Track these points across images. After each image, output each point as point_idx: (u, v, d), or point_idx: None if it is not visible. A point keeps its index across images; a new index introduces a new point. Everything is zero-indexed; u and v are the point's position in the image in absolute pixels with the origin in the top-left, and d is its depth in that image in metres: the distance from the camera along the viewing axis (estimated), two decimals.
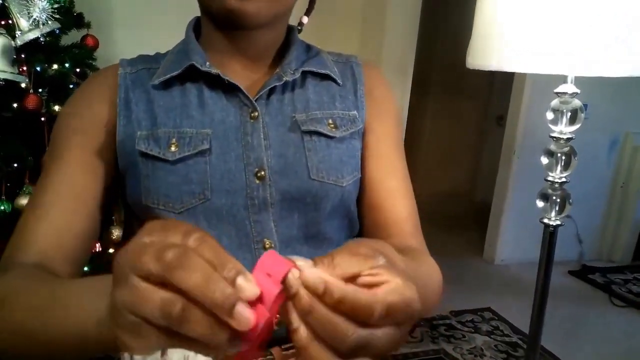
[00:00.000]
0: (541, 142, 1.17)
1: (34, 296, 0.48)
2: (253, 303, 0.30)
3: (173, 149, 0.60)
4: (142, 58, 0.69)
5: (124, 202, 0.69)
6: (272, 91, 0.65)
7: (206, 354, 0.32)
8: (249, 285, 0.30)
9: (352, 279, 0.33)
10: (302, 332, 0.32)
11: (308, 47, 0.73)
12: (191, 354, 0.62)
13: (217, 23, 0.64)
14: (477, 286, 2.98)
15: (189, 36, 0.67)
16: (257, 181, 0.61)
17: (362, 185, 0.70)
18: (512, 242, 3.27)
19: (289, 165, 0.63)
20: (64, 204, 0.60)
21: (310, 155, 0.64)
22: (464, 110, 4.32)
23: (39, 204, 0.60)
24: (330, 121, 0.66)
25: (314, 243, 0.65)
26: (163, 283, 0.30)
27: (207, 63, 0.63)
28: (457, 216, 4.11)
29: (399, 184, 0.70)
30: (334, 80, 0.69)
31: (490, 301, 2.76)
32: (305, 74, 0.68)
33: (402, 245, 0.63)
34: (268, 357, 0.63)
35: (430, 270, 0.61)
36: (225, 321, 0.30)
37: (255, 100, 0.63)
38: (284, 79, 0.65)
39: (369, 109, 0.70)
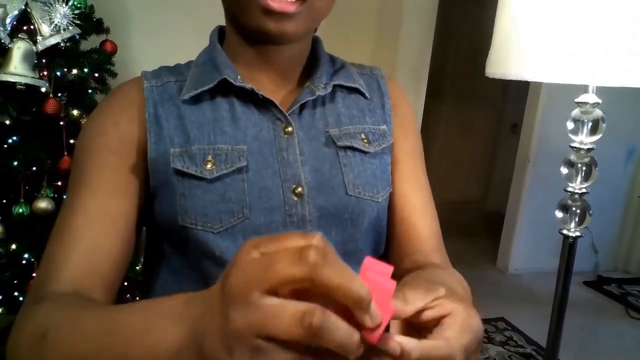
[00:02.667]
0: (557, 151, 1.16)
1: (83, 325, 0.44)
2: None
3: (209, 166, 0.58)
4: (165, 70, 0.66)
5: (149, 223, 0.65)
6: (303, 106, 0.64)
7: None
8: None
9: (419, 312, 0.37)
10: None
11: (332, 59, 0.72)
12: None
13: (249, 38, 0.62)
14: (490, 296, 2.95)
15: (216, 48, 0.65)
16: (295, 198, 0.60)
17: (390, 199, 0.70)
18: (526, 251, 3.24)
19: (325, 181, 0.62)
20: (97, 228, 0.56)
21: (346, 170, 0.63)
22: (477, 119, 4.30)
23: (70, 228, 0.56)
24: (363, 136, 0.66)
25: (351, 259, 0.64)
26: (292, 295, 0.29)
27: (239, 77, 0.61)
28: (469, 225, 4.07)
29: (425, 200, 0.70)
30: (363, 94, 0.69)
31: (504, 311, 2.73)
32: (334, 87, 0.67)
33: (427, 261, 0.63)
34: None
35: (464, 283, 0.61)
36: (357, 323, 0.29)
37: (289, 115, 0.62)
38: (317, 93, 0.63)
39: (395, 123, 0.70)
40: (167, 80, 0.64)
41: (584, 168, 1.04)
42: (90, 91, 1.57)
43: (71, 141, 1.55)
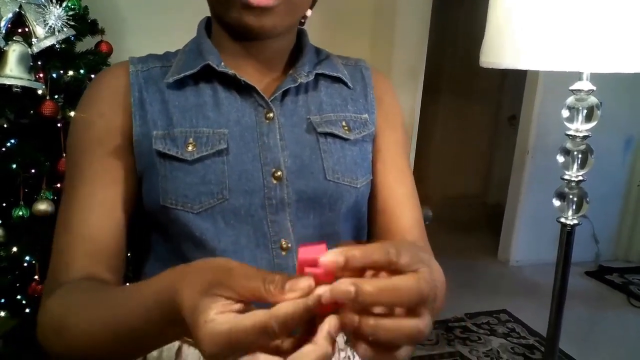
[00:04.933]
0: (555, 142, 1.16)
1: (92, 308, 0.51)
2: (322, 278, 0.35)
3: (190, 148, 0.60)
4: (153, 56, 0.68)
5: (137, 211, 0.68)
6: (286, 93, 0.65)
7: None
8: (297, 284, 0.35)
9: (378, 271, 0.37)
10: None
11: (318, 51, 0.73)
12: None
13: (231, 33, 0.64)
14: (492, 288, 2.95)
15: (202, 36, 0.67)
16: (275, 181, 0.62)
17: (372, 190, 0.71)
18: (526, 243, 3.24)
19: (305, 166, 0.63)
20: (97, 218, 0.60)
21: (326, 156, 0.64)
22: (474, 113, 4.30)
23: (72, 222, 0.60)
24: (344, 123, 0.67)
25: (329, 242, 0.65)
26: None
27: (222, 63, 0.63)
28: (470, 219, 4.08)
29: (408, 191, 0.71)
30: (345, 84, 0.70)
31: (506, 303, 2.73)
32: (317, 76, 0.68)
33: None
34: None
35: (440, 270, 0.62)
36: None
37: (270, 101, 0.64)
38: (299, 81, 0.65)
39: (379, 113, 0.72)
40: (153, 65, 0.66)
41: (579, 156, 1.04)
42: None
43: None
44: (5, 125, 1.51)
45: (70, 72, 1.52)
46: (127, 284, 0.55)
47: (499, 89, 4.30)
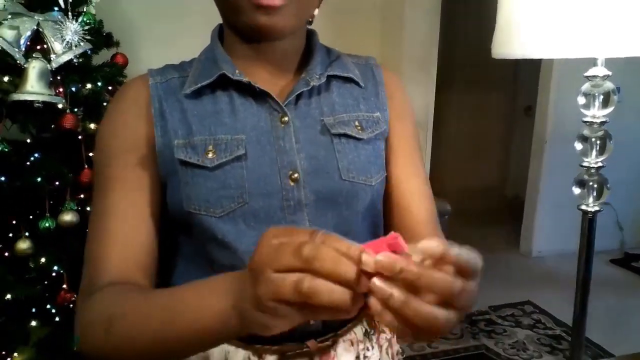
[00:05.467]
0: (572, 131, 1.15)
1: (144, 306, 0.53)
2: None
3: (210, 155, 0.62)
4: (170, 67, 0.70)
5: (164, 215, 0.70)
6: (299, 96, 0.67)
7: (333, 317, 0.40)
8: (370, 258, 0.38)
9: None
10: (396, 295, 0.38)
11: (328, 51, 0.74)
12: (232, 348, 0.65)
13: (242, 36, 0.66)
14: (516, 280, 2.93)
15: (215, 43, 0.68)
16: (292, 183, 0.63)
17: (386, 185, 0.72)
18: (548, 233, 3.21)
19: (320, 166, 0.65)
20: (127, 224, 0.62)
21: (340, 156, 0.66)
22: (490, 104, 4.26)
23: (104, 229, 0.62)
24: (356, 123, 0.68)
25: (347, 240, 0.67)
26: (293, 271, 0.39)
27: (237, 71, 0.64)
28: (490, 210, 4.04)
29: (422, 186, 0.73)
30: (357, 83, 0.71)
31: (530, 294, 2.71)
32: (329, 77, 0.69)
33: None
34: (304, 349, 0.66)
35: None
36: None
37: (285, 105, 0.65)
38: (311, 84, 0.66)
39: (390, 110, 0.73)
40: (171, 76, 0.68)
41: (598, 142, 1.03)
42: (105, 104, 1.61)
43: (90, 154, 1.59)
44: (28, 140, 1.56)
45: (89, 85, 1.56)
46: (174, 286, 0.56)
47: (514, 78, 4.25)
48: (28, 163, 1.50)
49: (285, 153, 0.64)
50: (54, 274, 1.51)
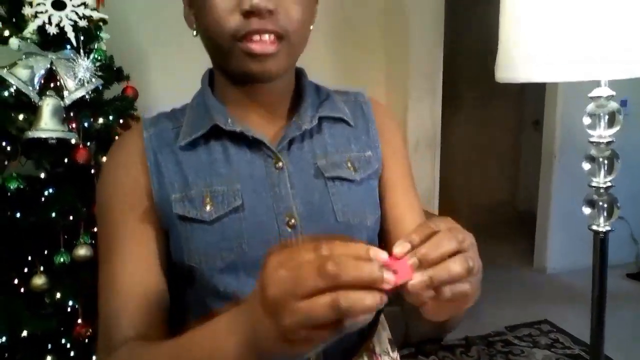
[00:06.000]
0: (581, 144, 1.15)
1: (162, 349, 0.54)
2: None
3: (208, 208, 0.62)
4: (163, 116, 0.70)
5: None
6: (292, 140, 0.67)
7: (365, 319, 0.39)
8: (381, 253, 0.40)
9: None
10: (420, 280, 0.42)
11: (318, 89, 0.75)
12: None
13: (234, 80, 0.66)
14: (531, 298, 2.89)
15: (207, 92, 0.69)
16: (289, 229, 0.64)
17: (383, 221, 0.73)
18: (562, 249, 3.17)
19: (316, 210, 0.65)
20: (138, 280, 0.62)
21: (335, 199, 0.66)
22: (497, 118, 4.27)
23: (115, 283, 0.62)
24: (349, 164, 0.69)
25: None
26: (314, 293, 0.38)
27: (229, 120, 0.65)
28: (502, 226, 4.02)
29: (418, 219, 0.73)
30: (347, 123, 0.72)
31: (546, 312, 2.67)
32: (320, 119, 0.70)
33: None
34: None
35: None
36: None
37: (278, 151, 0.66)
38: (303, 127, 0.67)
39: (383, 146, 0.73)
40: (164, 127, 0.68)
41: (605, 162, 1.03)
42: (117, 137, 1.64)
43: None
44: (42, 175, 1.59)
45: (100, 120, 1.59)
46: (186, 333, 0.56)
47: (521, 91, 4.26)
48: (43, 198, 1.53)
49: (281, 199, 0.64)
50: (69, 309, 1.52)
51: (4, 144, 1.48)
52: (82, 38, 1.50)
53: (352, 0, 2.65)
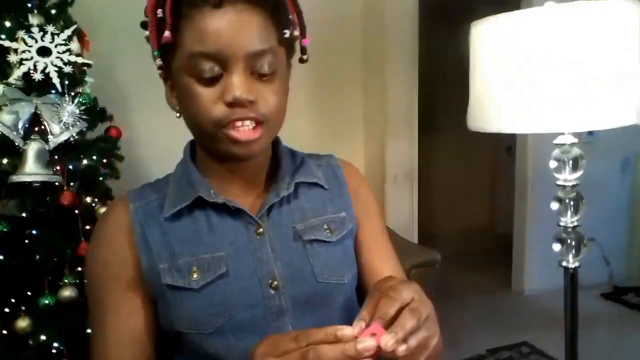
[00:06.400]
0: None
1: None
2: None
3: (195, 276, 0.66)
4: (148, 188, 0.75)
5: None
6: (271, 206, 0.72)
7: None
8: (346, 330, 0.49)
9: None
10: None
11: (293, 155, 0.80)
12: None
13: (217, 157, 0.71)
14: (510, 320, 2.95)
15: (189, 165, 0.73)
16: (272, 291, 0.68)
17: (361, 275, 0.78)
18: (538, 271, 3.25)
19: (296, 272, 0.70)
20: (127, 351, 0.66)
21: (314, 261, 0.71)
22: (472, 146, 4.38)
23: (104, 354, 0.66)
24: (325, 226, 0.74)
25: None
26: None
27: (212, 192, 0.69)
28: (481, 251, 4.09)
29: (397, 269, 0.80)
30: (322, 187, 0.78)
31: (525, 334, 2.73)
32: (296, 184, 0.75)
33: None
34: None
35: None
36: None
37: (258, 218, 0.70)
38: (281, 195, 0.72)
39: (356, 206, 0.79)
40: (149, 199, 0.72)
41: (571, 203, 1.10)
42: (100, 178, 1.66)
43: (87, 227, 1.62)
44: (24, 215, 1.59)
45: (85, 161, 1.61)
46: None
47: None
48: (27, 240, 1.53)
49: (264, 263, 0.69)
50: (54, 350, 1.51)
51: None
52: (67, 82, 1.52)
53: (330, 37, 2.73)
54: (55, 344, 1.50)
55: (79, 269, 1.62)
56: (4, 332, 1.51)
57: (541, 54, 0.94)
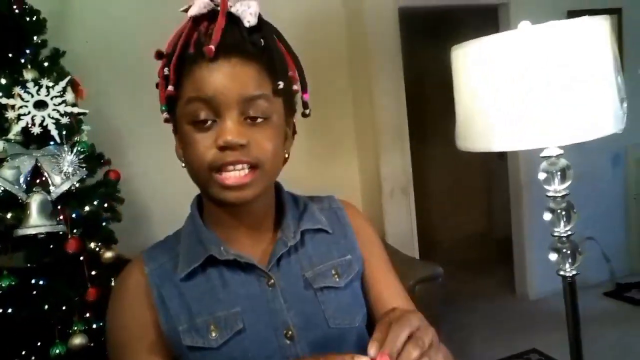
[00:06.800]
0: None
1: None
2: None
3: (214, 334, 0.68)
4: (160, 248, 0.77)
5: None
6: (280, 257, 0.74)
7: None
8: (371, 351, 0.53)
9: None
10: None
11: (295, 200, 0.84)
12: None
13: (218, 204, 0.73)
14: (517, 327, 2.95)
15: (197, 221, 0.75)
16: (288, 341, 0.71)
17: (371, 309, 0.81)
18: (541, 274, 3.26)
19: (309, 320, 0.73)
20: None
21: (326, 307, 0.74)
22: (465, 154, 4.38)
23: None
24: (333, 271, 0.77)
25: None
26: None
27: (222, 248, 0.72)
28: (481, 257, 4.12)
29: (402, 302, 0.82)
30: (326, 231, 0.81)
31: (534, 341, 2.72)
32: (302, 232, 0.78)
33: None
34: None
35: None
36: None
37: (269, 270, 0.73)
38: (289, 244, 0.75)
39: (361, 245, 0.83)
40: (163, 260, 0.75)
41: (563, 213, 1.14)
42: (104, 223, 1.68)
43: (92, 272, 1.64)
44: (28, 265, 1.61)
45: (87, 208, 1.64)
46: None
47: None
48: (34, 291, 1.55)
49: (277, 313, 0.71)
50: None
51: None
52: (64, 133, 1.56)
53: (316, 58, 2.78)
54: None
55: (88, 315, 1.63)
56: None
57: (519, 74, 0.99)
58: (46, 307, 1.51)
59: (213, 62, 0.64)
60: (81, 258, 1.62)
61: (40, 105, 1.53)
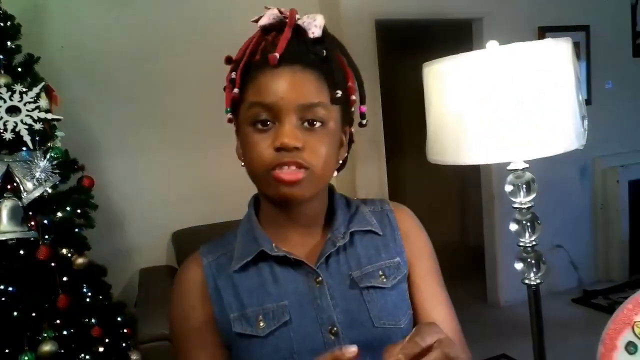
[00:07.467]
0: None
1: None
2: None
3: (262, 324, 0.72)
4: (216, 243, 0.81)
5: None
6: (328, 256, 0.77)
7: None
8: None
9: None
10: None
11: (348, 203, 0.87)
12: None
13: (273, 203, 0.77)
14: (488, 333, 3.01)
15: (252, 219, 0.80)
16: (332, 337, 0.73)
17: (414, 316, 0.83)
18: (513, 281, 3.30)
19: (355, 318, 0.75)
20: None
21: (371, 306, 0.76)
22: (438, 165, 4.49)
23: None
24: (380, 272, 0.79)
25: None
26: None
27: (273, 245, 0.76)
28: (455, 265, 4.17)
29: (445, 313, 0.84)
30: (376, 233, 0.83)
31: (504, 346, 2.78)
32: (352, 232, 0.80)
33: None
34: None
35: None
36: None
37: (317, 267, 0.75)
38: (337, 244, 0.77)
39: (408, 249, 0.85)
40: (219, 254, 0.79)
41: (528, 224, 1.18)
42: (77, 230, 1.67)
43: (64, 279, 1.63)
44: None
45: (59, 214, 1.62)
46: None
47: None
48: (3, 298, 1.53)
49: (323, 310, 0.74)
50: None
51: None
52: (37, 139, 1.54)
53: None
54: None
55: (58, 321, 1.62)
56: None
57: (486, 91, 1.03)
58: (15, 314, 1.49)
59: (276, 70, 0.69)
60: (52, 264, 1.61)
61: (13, 110, 1.51)
